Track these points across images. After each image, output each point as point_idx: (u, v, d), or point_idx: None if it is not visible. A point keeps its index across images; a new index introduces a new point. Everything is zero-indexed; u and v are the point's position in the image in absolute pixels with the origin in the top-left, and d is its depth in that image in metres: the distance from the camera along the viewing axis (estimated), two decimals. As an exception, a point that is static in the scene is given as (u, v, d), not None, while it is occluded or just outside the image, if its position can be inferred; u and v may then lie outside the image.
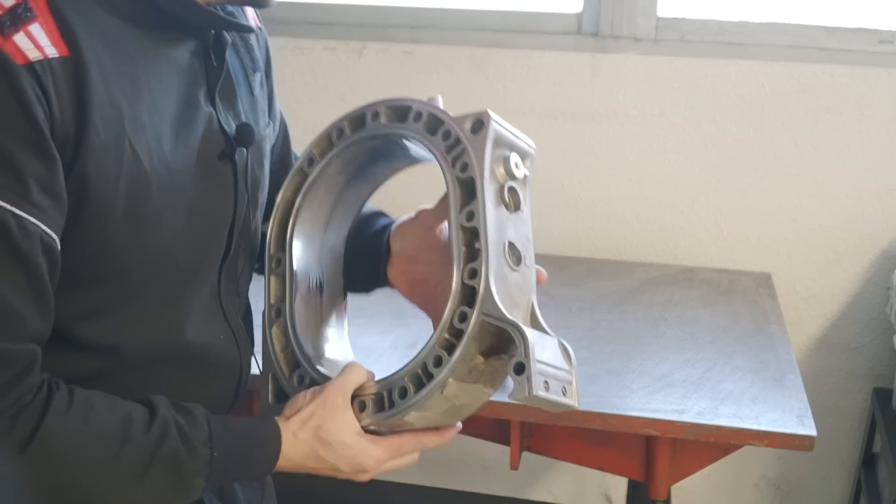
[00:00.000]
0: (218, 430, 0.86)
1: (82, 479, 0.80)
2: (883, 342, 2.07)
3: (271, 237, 1.01)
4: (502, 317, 0.85)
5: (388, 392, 0.92)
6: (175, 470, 0.82)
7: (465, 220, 0.90)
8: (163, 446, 0.82)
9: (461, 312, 0.87)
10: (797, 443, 1.34)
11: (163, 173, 0.82)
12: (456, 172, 0.93)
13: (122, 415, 0.82)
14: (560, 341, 0.96)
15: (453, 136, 0.95)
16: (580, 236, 2.13)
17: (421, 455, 1.02)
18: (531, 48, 2.03)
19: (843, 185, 1.99)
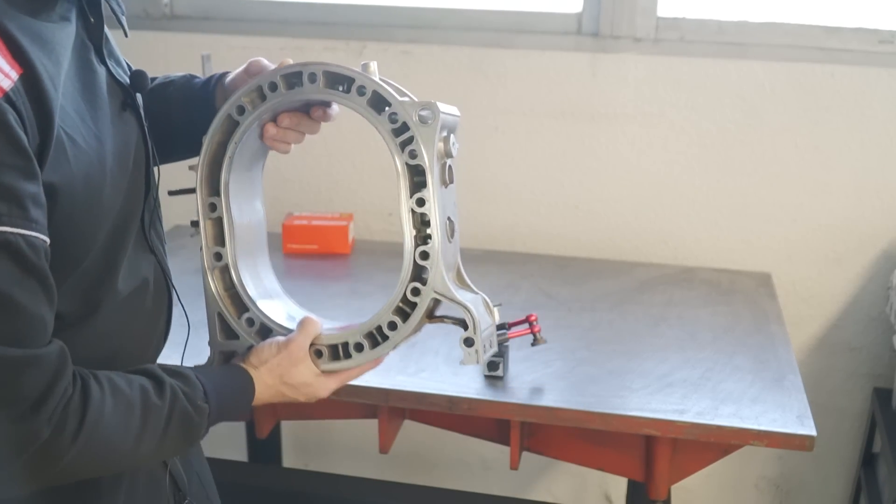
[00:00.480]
0: (209, 385, 0.99)
1: (121, 453, 0.90)
2: (883, 342, 2.07)
3: (201, 181, 1.07)
4: (453, 297, 1.02)
5: (343, 345, 1.08)
6: (186, 426, 0.96)
7: (415, 205, 1.00)
8: (175, 409, 0.94)
9: (413, 288, 1.02)
10: (797, 443, 1.34)
11: (93, 144, 0.89)
12: (405, 158, 1.00)
13: (139, 388, 0.92)
14: (483, 298, 1.11)
15: (401, 121, 1.00)
16: (580, 236, 2.13)
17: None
18: (531, 48, 2.03)
19: (843, 185, 1.99)
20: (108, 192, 0.91)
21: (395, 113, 1.01)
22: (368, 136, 2.18)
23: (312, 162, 2.21)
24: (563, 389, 1.44)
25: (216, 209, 1.08)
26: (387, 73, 1.09)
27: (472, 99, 2.09)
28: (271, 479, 2.03)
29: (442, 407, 1.41)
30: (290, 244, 2.00)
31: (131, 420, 0.90)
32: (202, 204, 1.08)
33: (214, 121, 1.06)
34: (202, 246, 1.09)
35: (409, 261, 1.02)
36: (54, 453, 0.84)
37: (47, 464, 0.84)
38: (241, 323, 1.09)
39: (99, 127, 0.90)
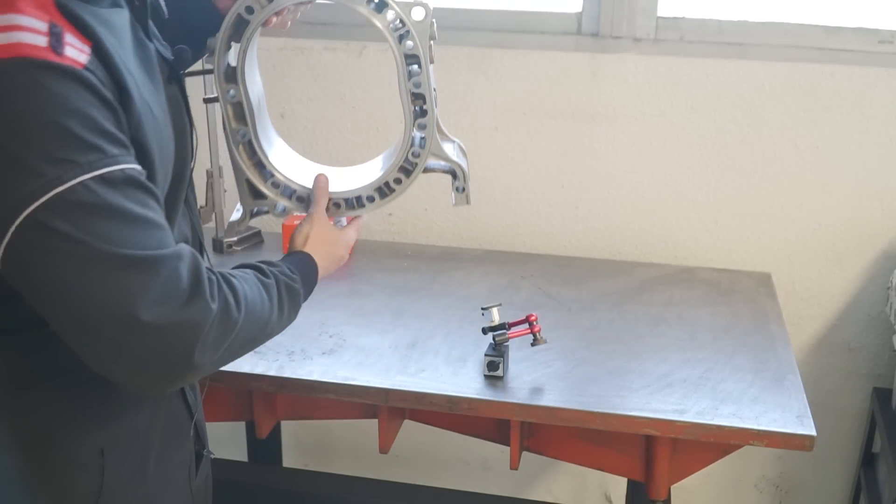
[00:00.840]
0: (287, 264, 1.18)
1: (267, 322, 1.08)
2: (883, 342, 2.07)
3: (219, 72, 1.23)
4: (447, 157, 1.29)
5: (356, 198, 1.33)
6: (292, 294, 1.14)
7: (413, 87, 1.23)
8: (280, 282, 1.12)
9: (413, 152, 1.28)
10: (797, 443, 1.34)
11: (159, 113, 1.01)
12: (403, 49, 1.21)
13: (252, 272, 1.10)
14: (458, 144, 1.36)
15: (399, 19, 1.22)
16: (580, 236, 2.13)
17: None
18: (531, 48, 2.03)
19: (843, 185, 1.99)
20: (167, 156, 1.03)
21: (397, 15, 1.21)
22: (369, 136, 2.19)
23: (312, 162, 2.21)
24: (563, 389, 1.44)
25: (235, 95, 1.25)
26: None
27: (472, 99, 2.09)
28: (271, 479, 2.03)
29: (442, 407, 1.41)
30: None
31: (262, 294, 1.07)
32: (222, 92, 1.24)
33: (226, 20, 1.21)
34: (225, 125, 1.27)
35: (410, 130, 1.26)
36: (226, 325, 0.97)
37: (222, 337, 0.97)
38: (268, 185, 1.31)
39: (157, 97, 1.03)
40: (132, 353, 0.90)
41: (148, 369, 0.91)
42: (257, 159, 1.29)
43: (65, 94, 0.86)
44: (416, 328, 1.65)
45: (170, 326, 0.90)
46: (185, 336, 0.92)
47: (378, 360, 1.53)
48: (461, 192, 1.34)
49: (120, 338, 0.89)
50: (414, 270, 1.92)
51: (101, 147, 0.88)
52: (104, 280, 0.88)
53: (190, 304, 0.92)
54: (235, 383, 1.48)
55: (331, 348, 1.57)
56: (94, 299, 0.88)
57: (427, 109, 1.24)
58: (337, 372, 1.49)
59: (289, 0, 1.20)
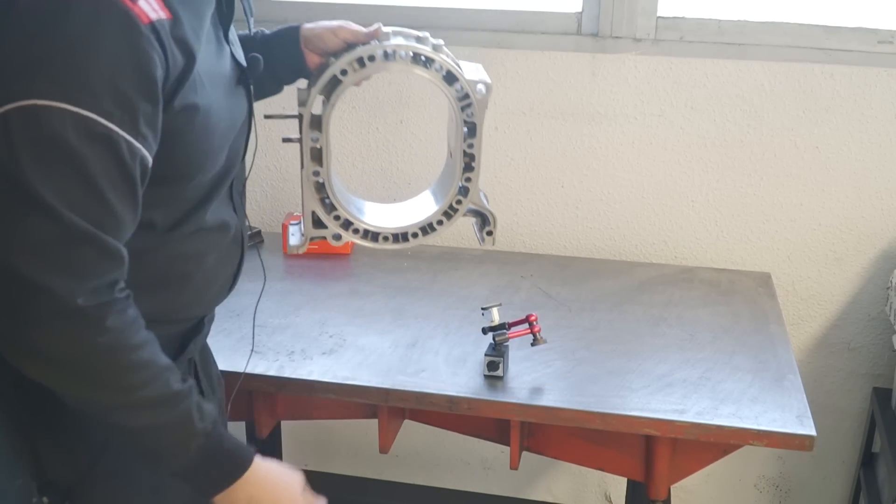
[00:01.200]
0: (219, 426, 1.08)
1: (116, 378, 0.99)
2: (883, 342, 2.07)
3: (307, 120, 1.37)
4: (484, 207, 1.46)
5: (402, 234, 1.47)
6: (185, 422, 1.04)
7: (467, 148, 1.41)
8: (187, 400, 1.04)
9: (457, 199, 1.46)
10: (797, 443, 1.34)
11: (215, 95, 1.08)
12: (464, 117, 1.40)
13: (167, 361, 1.04)
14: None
15: (465, 91, 1.39)
16: (580, 236, 2.13)
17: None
18: (531, 48, 2.03)
19: (843, 185, 1.99)
20: (217, 138, 1.09)
21: (462, 87, 1.38)
22: (369, 136, 2.19)
23: (312, 162, 2.21)
24: (563, 389, 1.44)
25: (318, 140, 1.39)
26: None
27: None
28: (271, 479, 2.02)
29: (442, 407, 1.41)
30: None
31: (152, 365, 1.01)
32: (305, 137, 1.38)
33: (321, 78, 1.35)
34: (302, 164, 1.40)
35: (458, 181, 1.44)
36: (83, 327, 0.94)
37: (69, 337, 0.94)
38: (330, 217, 1.44)
39: (219, 83, 1.10)
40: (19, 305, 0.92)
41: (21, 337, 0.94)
42: (325, 195, 1.44)
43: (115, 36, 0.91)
44: (416, 328, 1.65)
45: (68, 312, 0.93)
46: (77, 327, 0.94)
47: (378, 360, 1.53)
48: (489, 236, 1.50)
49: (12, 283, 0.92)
50: (414, 270, 1.92)
51: (138, 114, 0.93)
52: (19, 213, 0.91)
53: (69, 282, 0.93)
54: (235, 383, 1.48)
55: (331, 348, 1.57)
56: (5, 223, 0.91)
57: (474, 166, 1.44)
58: (337, 372, 1.49)
59: (379, 68, 1.36)
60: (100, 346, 0.96)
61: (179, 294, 1.16)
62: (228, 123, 1.13)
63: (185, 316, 1.20)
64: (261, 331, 1.60)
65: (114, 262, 0.97)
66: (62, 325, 0.94)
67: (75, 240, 0.93)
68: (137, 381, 1.00)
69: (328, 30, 1.38)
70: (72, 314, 0.93)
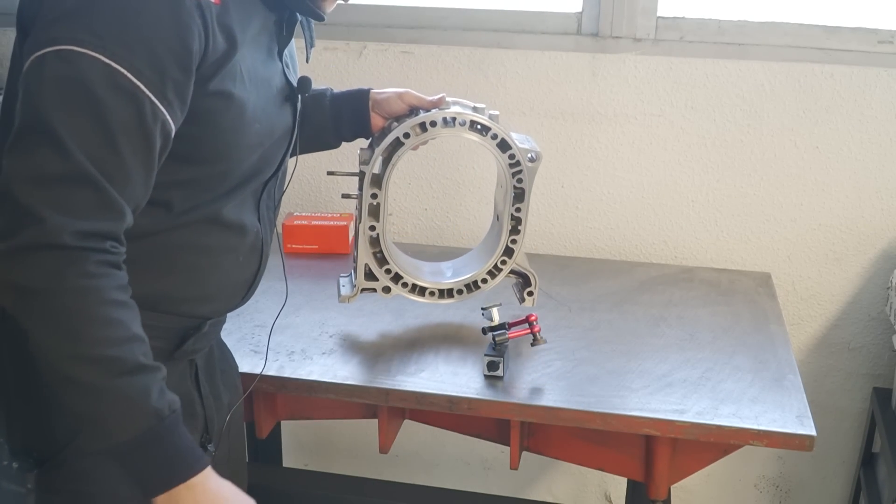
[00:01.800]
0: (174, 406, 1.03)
1: (91, 336, 0.97)
2: (883, 342, 2.07)
3: (368, 178, 1.47)
4: (527, 269, 1.57)
5: (448, 290, 1.60)
6: (139, 397, 0.99)
7: (514, 212, 1.52)
8: (150, 376, 1.00)
9: (502, 259, 1.56)
10: (797, 443, 1.34)
11: (254, 95, 1.12)
12: (514, 182, 1.50)
13: (141, 334, 1.01)
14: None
15: (517, 158, 1.49)
16: (580, 236, 2.13)
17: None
18: (531, 48, 2.03)
19: (843, 185, 1.99)
20: (250, 136, 1.12)
21: (514, 154, 1.49)
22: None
23: (313, 162, 2.21)
24: (563, 389, 1.44)
25: (377, 197, 1.48)
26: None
27: (472, 99, 2.08)
28: (271, 479, 2.03)
29: (442, 407, 1.41)
30: (290, 244, 2.01)
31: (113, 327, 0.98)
32: (365, 194, 1.48)
33: (386, 139, 1.45)
34: (359, 219, 1.51)
35: (504, 243, 1.54)
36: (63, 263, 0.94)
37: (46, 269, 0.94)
38: (382, 271, 1.54)
39: (262, 88, 1.14)
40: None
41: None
42: (378, 249, 1.53)
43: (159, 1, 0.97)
44: (416, 328, 1.65)
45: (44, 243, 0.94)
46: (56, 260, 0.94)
47: (378, 360, 1.53)
48: (530, 296, 1.58)
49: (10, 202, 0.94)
50: (414, 270, 1.92)
51: (166, 79, 0.98)
52: (32, 144, 0.94)
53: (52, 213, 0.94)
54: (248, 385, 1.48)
55: (331, 348, 1.57)
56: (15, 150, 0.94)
57: (520, 229, 1.53)
58: (337, 372, 1.49)
59: (439, 133, 1.46)
60: (74, 287, 0.95)
61: (185, 286, 1.16)
62: (266, 128, 1.16)
63: (188, 312, 1.19)
64: (261, 330, 1.60)
65: (111, 214, 0.97)
66: (43, 255, 0.94)
67: (78, 181, 0.95)
68: (101, 337, 0.97)
69: (396, 94, 1.48)
70: (55, 248, 0.94)
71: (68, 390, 0.99)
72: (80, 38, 0.94)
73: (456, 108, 1.50)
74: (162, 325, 1.14)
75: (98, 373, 0.97)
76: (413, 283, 1.57)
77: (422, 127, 1.46)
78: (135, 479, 1.01)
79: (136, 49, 0.96)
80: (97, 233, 0.97)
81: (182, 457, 1.02)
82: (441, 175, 2.14)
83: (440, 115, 1.46)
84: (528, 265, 1.58)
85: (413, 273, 1.58)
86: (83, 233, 0.96)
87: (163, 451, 1.01)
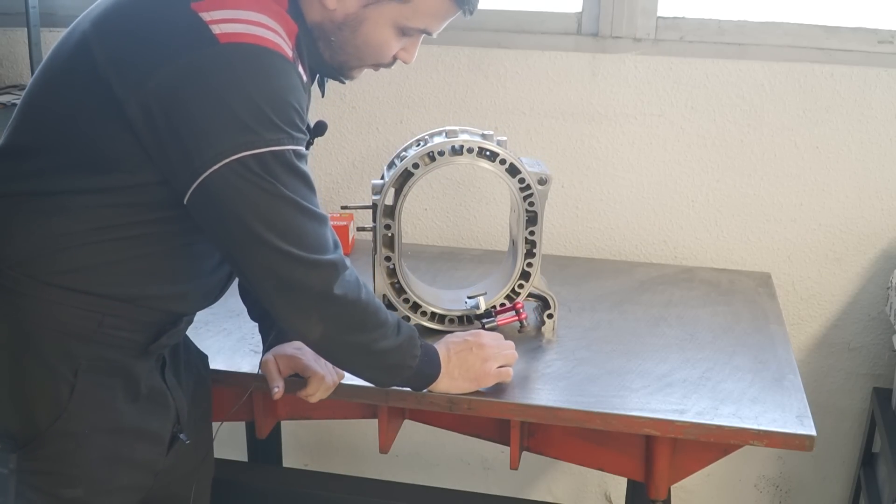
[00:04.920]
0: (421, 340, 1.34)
1: (380, 315, 1.25)
2: (883, 342, 2.07)
3: (381, 209, 1.51)
4: (546, 291, 1.60)
5: (466, 317, 1.59)
6: (409, 330, 1.31)
7: (528, 235, 1.54)
8: (403, 325, 1.30)
9: (520, 283, 1.58)
10: (797, 443, 1.34)
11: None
12: (525, 206, 1.52)
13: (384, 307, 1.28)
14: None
15: (527, 182, 1.51)
16: (580, 236, 2.13)
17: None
18: (531, 48, 2.03)
19: (843, 185, 1.99)
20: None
21: (524, 178, 1.50)
22: (369, 136, 2.19)
23: (312, 162, 2.21)
24: (563, 389, 1.44)
25: (390, 228, 1.52)
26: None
27: (472, 99, 2.09)
28: (271, 479, 2.03)
29: (442, 407, 1.41)
30: (290, 244, 2.00)
31: (381, 306, 1.26)
32: (379, 225, 1.52)
33: (396, 170, 1.50)
34: (375, 251, 1.53)
35: (520, 267, 1.56)
36: (356, 282, 1.21)
37: (356, 289, 1.20)
38: (400, 300, 1.56)
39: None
40: (290, 279, 1.14)
41: (296, 291, 1.15)
42: (395, 279, 1.55)
43: (297, 86, 1.12)
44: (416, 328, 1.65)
45: (324, 262, 1.15)
46: (329, 273, 1.16)
47: (378, 360, 1.53)
48: (550, 319, 1.60)
49: (283, 266, 1.13)
50: (414, 270, 1.92)
51: (302, 130, 1.13)
52: (287, 219, 1.11)
53: (336, 251, 1.19)
54: (235, 383, 1.48)
55: (331, 348, 1.57)
56: (271, 229, 1.10)
57: (535, 252, 1.55)
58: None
59: (448, 161, 1.49)
60: (355, 286, 1.21)
61: (168, 286, 1.22)
62: None
63: (167, 308, 1.24)
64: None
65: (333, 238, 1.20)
66: (340, 276, 1.18)
67: (323, 221, 1.18)
68: (380, 313, 1.25)
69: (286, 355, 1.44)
70: (342, 270, 1.19)
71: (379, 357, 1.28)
72: (249, 140, 1.08)
73: (464, 136, 1.51)
74: (141, 318, 1.20)
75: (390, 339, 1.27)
76: (432, 312, 1.58)
77: (430, 157, 1.49)
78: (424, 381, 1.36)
79: (291, 123, 1.11)
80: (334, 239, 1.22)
81: (433, 352, 1.37)
82: (441, 175, 2.14)
83: (448, 144, 1.48)
84: (546, 288, 1.59)
85: (432, 301, 1.59)
86: (335, 242, 1.21)
87: (430, 357, 1.36)
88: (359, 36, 1.22)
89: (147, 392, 1.24)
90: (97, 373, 1.17)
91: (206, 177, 1.07)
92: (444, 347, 1.39)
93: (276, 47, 1.09)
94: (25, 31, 2.06)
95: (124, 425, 1.21)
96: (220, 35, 1.06)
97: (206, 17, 1.06)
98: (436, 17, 1.25)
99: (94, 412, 1.17)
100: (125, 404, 1.21)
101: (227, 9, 1.08)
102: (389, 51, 1.25)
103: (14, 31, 2.23)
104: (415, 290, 1.57)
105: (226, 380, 1.47)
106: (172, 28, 1.07)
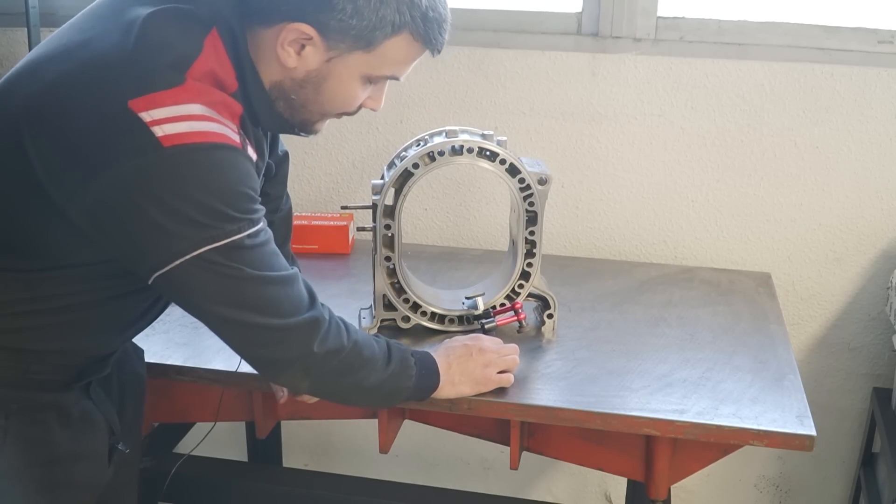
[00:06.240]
0: (416, 356, 1.35)
1: (367, 353, 1.25)
2: (883, 342, 2.07)
3: (381, 209, 1.50)
4: (545, 291, 1.60)
5: (466, 317, 1.59)
6: (402, 354, 1.31)
7: (528, 235, 1.54)
8: (394, 350, 1.31)
9: (520, 283, 1.58)
10: (797, 443, 1.34)
11: None
12: (525, 206, 1.52)
13: (375, 340, 1.30)
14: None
15: (527, 182, 1.51)
16: (580, 236, 2.13)
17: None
18: (531, 48, 2.03)
19: (843, 185, 1.99)
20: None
21: (524, 178, 1.50)
22: (369, 136, 2.19)
23: (312, 162, 2.21)
24: (563, 389, 1.44)
25: (390, 228, 1.51)
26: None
27: (472, 99, 2.09)
28: (271, 479, 2.03)
29: (442, 407, 1.41)
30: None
31: (370, 339, 1.28)
32: (379, 225, 1.51)
33: (394, 171, 1.49)
34: (375, 251, 1.53)
35: (520, 266, 1.56)
36: (339, 332, 1.21)
37: (337, 340, 1.20)
38: (400, 300, 1.56)
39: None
40: (269, 346, 1.16)
41: (277, 355, 1.17)
42: (395, 279, 1.55)
43: (248, 171, 1.10)
44: (416, 328, 1.65)
45: (300, 323, 1.16)
46: (308, 333, 1.17)
47: (378, 360, 1.53)
48: (550, 319, 1.60)
49: (260, 338, 1.14)
50: (414, 270, 1.92)
51: (259, 207, 1.12)
52: (257, 294, 1.12)
53: (313, 307, 1.18)
54: (236, 383, 1.48)
55: (331, 348, 1.57)
56: (243, 308, 1.11)
57: (535, 252, 1.55)
58: (337, 372, 1.48)
59: (448, 161, 1.48)
60: (336, 335, 1.21)
61: (95, 339, 1.23)
62: None
63: (92, 354, 1.25)
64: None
65: (301, 279, 1.19)
66: (319, 332, 1.18)
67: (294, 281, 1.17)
68: (365, 351, 1.25)
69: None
70: (321, 324, 1.19)
71: (372, 391, 1.29)
72: (212, 235, 1.07)
73: (464, 136, 1.51)
74: (69, 363, 1.22)
75: (382, 372, 1.29)
76: (433, 312, 1.58)
77: (430, 157, 1.49)
78: (425, 393, 1.36)
79: (249, 207, 1.10)
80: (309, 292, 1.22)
81: (431, 363, 1.37)
82: (441, 175, 2.14)
83: (448, 145, 1.48)
84: (546, 288, 1.59)
85: (432, 301, 1.59)
86: (311, 294, 1.21)
87: (427, 370, 1.36)
88: (322, 92, 1.19)
89: (79, 415, 1.24)
90: (28, 412, 1.17)
91: (167, 271, 1.06)
92: (445, 354, 1.39)
93: (222, 139, 1.05)
94: (25, 31, 2.07)
95: (59, 454, 1.21)
96: (163, 138, 1.01)
97: (145, 117, 1.01)
98: (404, 62, 1.23)
99: (29, 449, 1.17)
100: (59, 433, 1.21)
101: (166, 105, 1.02)
102: (356, 101, 1.23)
103: (14, 31, 2.23)
104: (415, 290, 1.57)
105: (226, 380, 1.47)
106: (111, 130, 1.01)
